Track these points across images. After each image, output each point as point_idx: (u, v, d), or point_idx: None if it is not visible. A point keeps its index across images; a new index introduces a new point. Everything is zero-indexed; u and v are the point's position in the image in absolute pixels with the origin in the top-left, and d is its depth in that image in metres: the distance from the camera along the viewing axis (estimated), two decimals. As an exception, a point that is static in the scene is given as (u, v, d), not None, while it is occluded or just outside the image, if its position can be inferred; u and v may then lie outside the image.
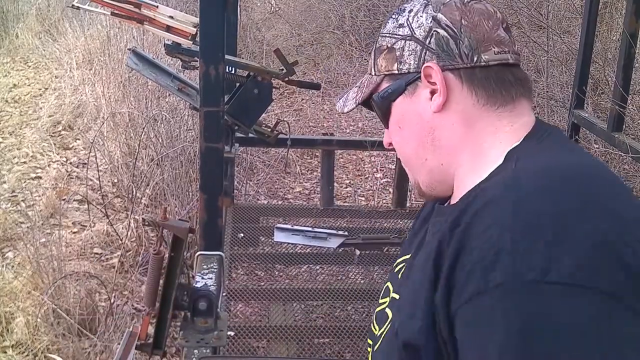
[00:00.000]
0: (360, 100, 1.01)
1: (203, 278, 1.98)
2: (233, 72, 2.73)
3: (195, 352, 1.68)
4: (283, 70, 2.73)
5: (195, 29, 2.50)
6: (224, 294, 2.59)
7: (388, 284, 1.01)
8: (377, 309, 1.00)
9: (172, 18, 2.53)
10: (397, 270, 1.00)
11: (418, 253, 0.92)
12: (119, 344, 1.60)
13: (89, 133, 5.54)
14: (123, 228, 4.00)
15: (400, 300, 0.91)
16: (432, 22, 0.93)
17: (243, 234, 3.47)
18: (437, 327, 0.78)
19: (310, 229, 3.21)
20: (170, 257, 1.56)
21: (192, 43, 2.57)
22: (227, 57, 2.27)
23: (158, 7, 2.55)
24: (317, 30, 8.46)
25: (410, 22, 0.95)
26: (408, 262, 0.96)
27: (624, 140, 3.31)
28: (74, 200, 4.55)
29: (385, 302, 0.98)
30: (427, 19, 0.94)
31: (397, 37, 0.96)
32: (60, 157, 5.51)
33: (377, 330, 0.96)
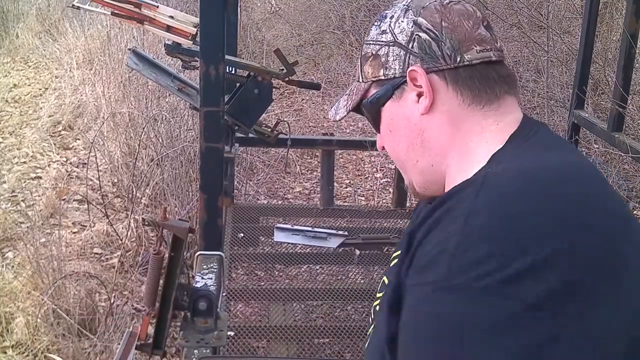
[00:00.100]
0: (351, 108, 1.04)
1: (203, 278, 1.98)
2: (233, 72, 2.73)
3: (195, 352, 1.68)
4: (283, 70, 2.73)
5: (196, 29, 2.50)
6: (224, 294, 2.59)
7: (384, 278, 1.03)
8: (374, 304, 1.03)
9: (172, 18, 2.53)
10: (392, 265, 1.03)
11: None
12: (119, 344, 1.60)
13: (89, 133, 5.54)
14: (123, 228, 4.00)
15: (387, 286, 0.95)
16: (413, 26, 0.96)
17: (243, 234, 3.47)
18: (400, 297, 0.84)
19: (310, 229, 3.21)
20: (170, 257, 1.56)
21: (192, 43, 2.57)
22: (227, 57, 2.27)
23: (158, 7, 2.55)
24: (317, 30, 8.46)
25: (392, 27, 0.98)
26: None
27: (624, 140, 3.31)
28: (74, 200, 4.55)
29: (380, 296, 1.00)
30: (408, 24, 0.96)
31: (380, 43, 0.99)
32: (60, 157, 5.50)
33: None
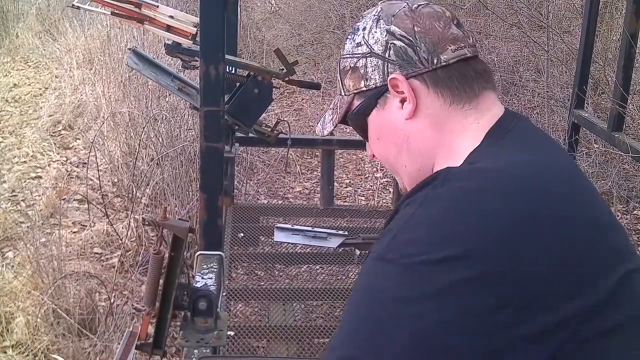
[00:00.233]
0: (337, 121, 1.07)
1: (203, 278, 1.98)
2: (233, 71, 2.73)
3: (195, 352, 1.68)
4: (283, 70, 2.72)
5: (196, 29, 2.50)
6: (224, 294, 2.58)
7: None
8: None
9: (172, 18, 2.52)
10: None
11: None
12: (119, 344, 1.60)
13: (89, 133, 5.54)
14: (123, 228, 4.00)
15: None
16: (387, 35, 0.97)
17: (243, 234, 3.47)
18: None
19: (310, 229, 3.21)
20: (170, 256, 1.56)
21: (192, 43, 2.57)
22: (227, 56, 2.27)
23: (158, 6, 2.55)
24: (317, 30, 8.45)
25: (367, 39, 0.99)
26: None
27: (624, 140, 3.31)
28: (74, 200, 4.54)
29: None
30: (381, 33, 0.98)
31: (357, 56, 1.01)
32: (60, 156, 5.50)
33: None
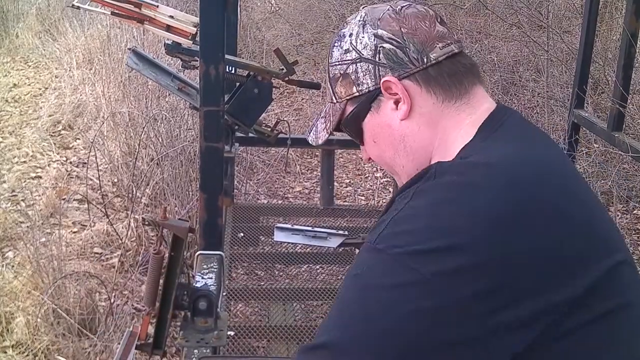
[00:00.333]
0: (332, 130, 1.08)
1: (203, 278, 1.97)
2: (233, 71, 2.73)
3: (195, 352, 1.68)
4: (283, 70, 2.72)
5: (196, 29, 2.50)
6: (224, 294, 2.58)
7: None
8: None
9: (172, 18, 2.52)
10: None
11: None
12: (119, 344, 1.60)
13: (89, 133, 5.54)
14: (123, 228, 3.99)
15: None
16: (375, 39, 0.98)
17: (243, 234, 3.46)
18: None
19: (311, 229, 3.20)
20: (170, 256, 1.56)
21: (192, 43, 2.57)
22: (227, 56, 2.27)
23: (158, 6, 2.55)
24: (317, 30, 8.44)
25: (355, 45, 1.00)
26: None
27: (624, 140, 3.31)
28: (74, 200, 4.54)
29: None
30: (369, 38, 0.98)
31: (346, 62, 1.01)
32: (60, 156, 5.50)
33: None
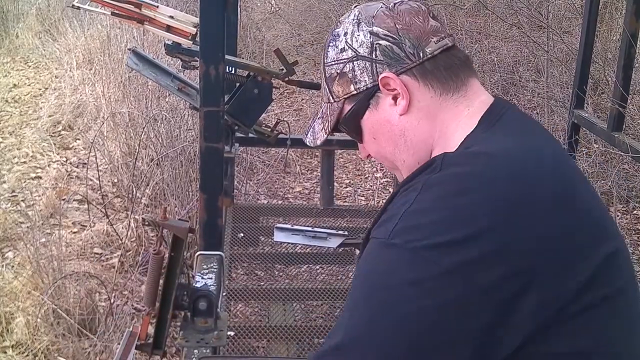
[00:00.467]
0: (330, 130, 1.08)
1: (203, 278, 1.98)
2: (233, 72, 2.73)
3: (195, 352, 1.68)
4: (283, 70, 2.72)
5: (196, 29, 2.50)
6: (224, 294, 2.58)
7: None
8: None
9: (172, 18, 2.52)
10: None
11: None
12: (119, 344, 1.60)
13: (89, 133, 5.54)
14: (123, 228, 4.00)
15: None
16: (370, 36, 0.99)
17: (243, 234, 3.46)
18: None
19: (310, 229, 3.21)
20: (170, 257, 1.56)
21: (192, 43, 2.57)
22: (227, 57, 2.27)
23: (158, 7, 2.55)
24: (317, 30, 8.45)
25: (351, 43, 1.00)
26: None
27: (624, 140, 3.31)
28: (74, 200, 4.54)
29: None
30: (365, 36, 0.99)
31: (343, 61, 1.01)
32: (60, 157, 5.50)
33: None
